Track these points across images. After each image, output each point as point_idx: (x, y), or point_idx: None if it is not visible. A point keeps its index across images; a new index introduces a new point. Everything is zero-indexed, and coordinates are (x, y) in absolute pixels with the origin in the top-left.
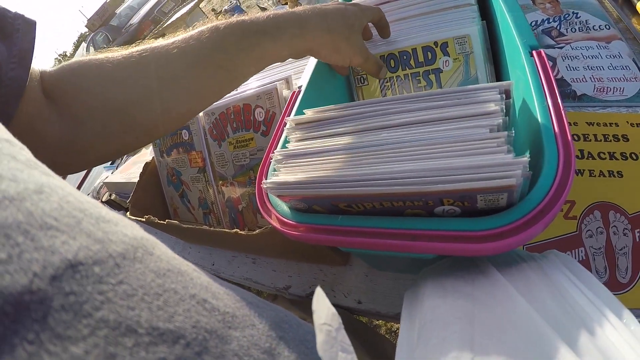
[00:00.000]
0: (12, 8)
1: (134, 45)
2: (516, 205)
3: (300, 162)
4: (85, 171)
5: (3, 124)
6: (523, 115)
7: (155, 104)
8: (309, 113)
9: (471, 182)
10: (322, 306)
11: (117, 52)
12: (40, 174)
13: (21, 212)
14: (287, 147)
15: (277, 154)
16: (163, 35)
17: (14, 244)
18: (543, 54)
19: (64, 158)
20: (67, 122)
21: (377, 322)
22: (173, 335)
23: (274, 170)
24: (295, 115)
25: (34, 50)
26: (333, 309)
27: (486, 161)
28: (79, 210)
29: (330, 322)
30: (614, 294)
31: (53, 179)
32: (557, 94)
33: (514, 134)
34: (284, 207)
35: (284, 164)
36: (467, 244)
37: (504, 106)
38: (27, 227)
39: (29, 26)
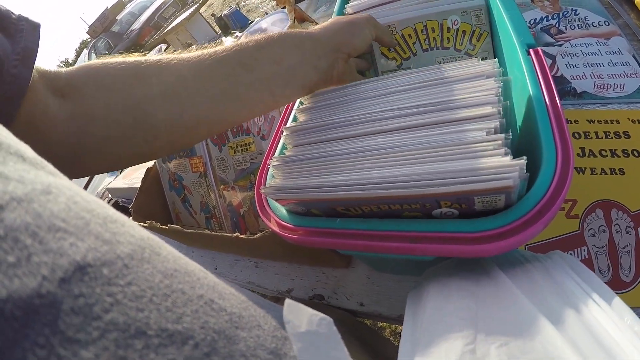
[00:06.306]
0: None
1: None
2: (514, 205)
3: (297, 167)
4: (88, 178)
5: (4, 123)
6: (521, 114)
7: (171, 102)
8: (302, 117)
9: (467, 185)
10: (301, 314)
11: (135, 55)
12: (47, 174)
13: (29, 213)
14: (284, 153)
15: (275, 160)
16: (164, 41)
17: (22, 247)
18: (540, 52)
19: (66, 161)
20: (78, 120)
21: (381, 325)
22: (182, 336)
23: (272, 176)
24: (292, 120)
25: (37, 50)
26: (320, 314)
27: (482, 164)
28: (87, 210)
29: (316, 328)
30: (618, 293)
31: (60, 179)
32: (555, 93)
33: (511, 136)
34: (283, 211)
35: (282, 169)
36: (466, 245)
37: (500, 108)
38: (36, 229)
39: (33, 28)
